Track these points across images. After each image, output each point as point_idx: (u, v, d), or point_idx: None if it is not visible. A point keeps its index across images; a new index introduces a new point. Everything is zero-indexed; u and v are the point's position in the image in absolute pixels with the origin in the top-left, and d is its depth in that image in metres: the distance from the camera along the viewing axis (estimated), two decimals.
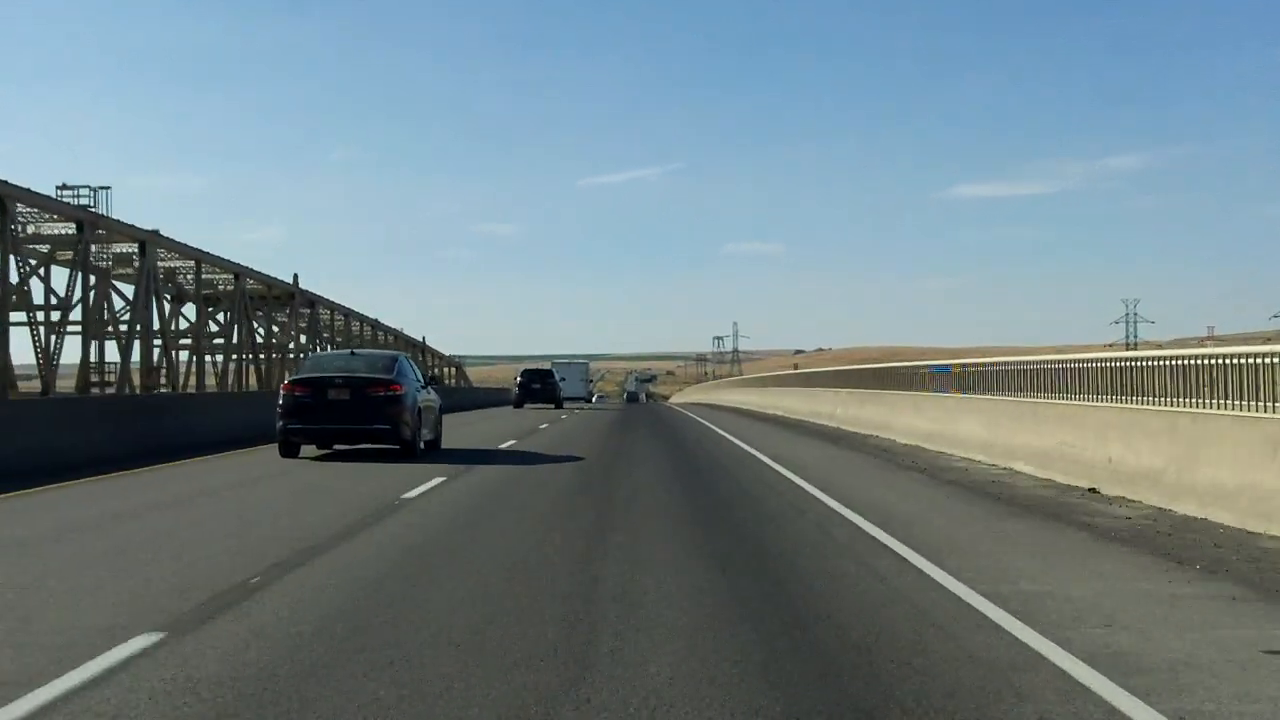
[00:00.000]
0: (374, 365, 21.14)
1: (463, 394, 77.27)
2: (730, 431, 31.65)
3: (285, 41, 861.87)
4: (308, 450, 20.76)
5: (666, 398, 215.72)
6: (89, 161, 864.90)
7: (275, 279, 55.09)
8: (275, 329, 61.00)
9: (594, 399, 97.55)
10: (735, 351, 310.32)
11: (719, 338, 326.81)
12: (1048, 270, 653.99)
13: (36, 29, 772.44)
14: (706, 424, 37.62)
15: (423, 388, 21.76)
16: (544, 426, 34.19)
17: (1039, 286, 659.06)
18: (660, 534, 11.07)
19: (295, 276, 56.27)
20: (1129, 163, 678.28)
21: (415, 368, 22.41)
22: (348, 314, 67.61)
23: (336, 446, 21.20)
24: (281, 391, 20.47)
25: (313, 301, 60.10)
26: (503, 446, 24.34)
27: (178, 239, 50.77)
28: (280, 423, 19.95)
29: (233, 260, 53.00)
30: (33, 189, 39.09)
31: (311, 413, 19.82)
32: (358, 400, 19.83)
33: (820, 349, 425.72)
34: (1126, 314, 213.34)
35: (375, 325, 74.10)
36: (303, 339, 62.38)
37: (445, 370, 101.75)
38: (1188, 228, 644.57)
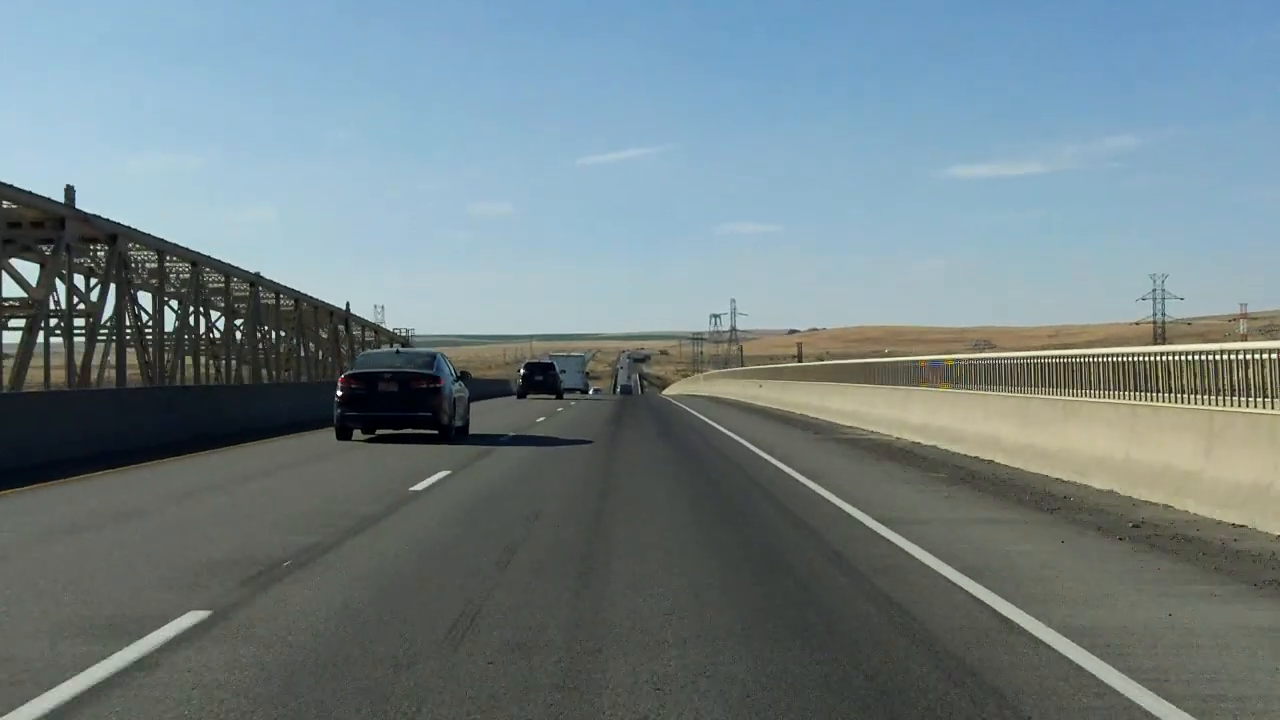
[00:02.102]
0: (415, 362, 24.59)
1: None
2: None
3: (282, 23, 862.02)
4: (358, 434, 24.10)
5: (664, 383, 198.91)
6: (87, 145, 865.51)
7: (14, 187, 29.40)
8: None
9: (591, 391, 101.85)
10: (733, 330, 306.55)
11: (716, 315, 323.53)
12: (1050, 250, 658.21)
13: (33, 10, 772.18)
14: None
15: (455, 381, 25.09)
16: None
17: (1042, 266, 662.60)
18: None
19: (68, 190, 32.78)
20: (1128, 142, 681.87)
21: (450, 364, 25.69)
22: (196, 261, 41.81)
23: (379, 431, 24.50)
24: (339, 384, 23.85)
25: (115, 235, 34.40)
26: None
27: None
28: (338, 410, 23.34)
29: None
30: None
31: (365, 402, 23.24)
32: (404, 392, 23.23)
33: (814, 329, 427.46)
34: (1154, 290, 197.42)
35: (255, 281, 48.55)
36: (90, 290, 36.81)
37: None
38: (1196, 208, 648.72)
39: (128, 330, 36.15)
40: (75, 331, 34.40)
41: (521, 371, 62.83)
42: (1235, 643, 6.52)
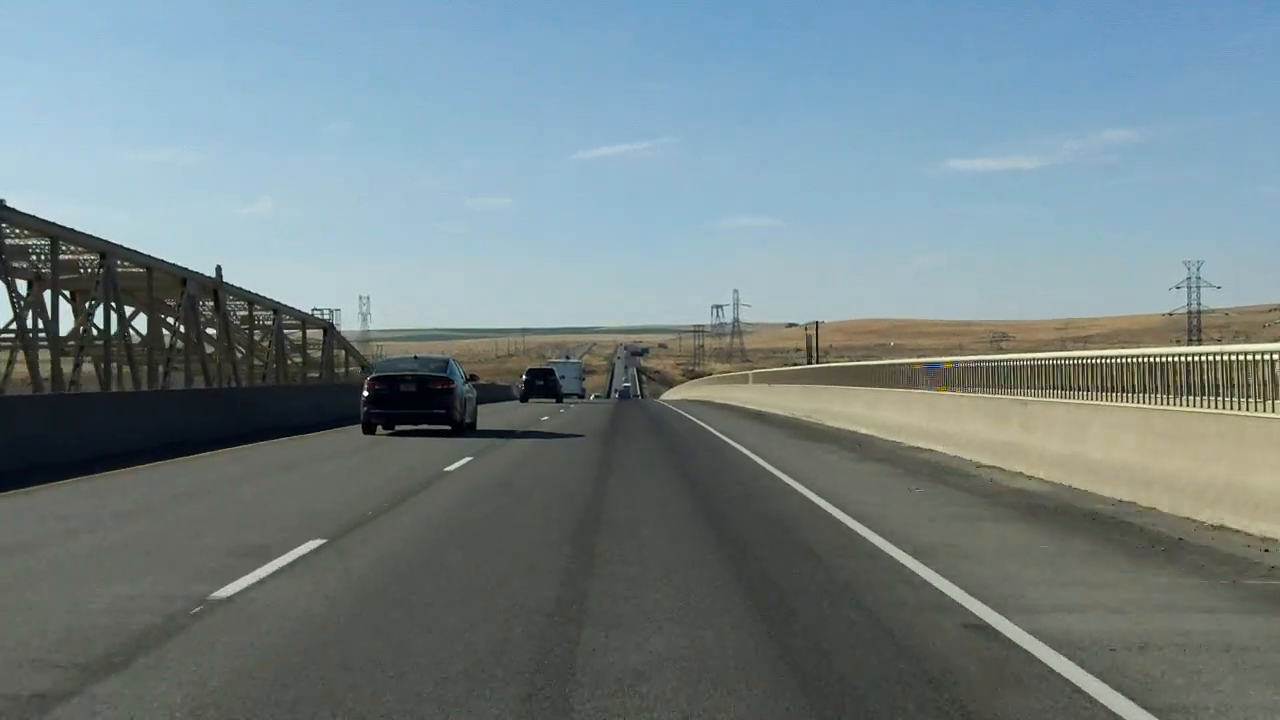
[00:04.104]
0: (430, 366, 27.89)
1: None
2: None
3: (279, 17, 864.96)
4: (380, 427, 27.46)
5: (665, 380, 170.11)
6: (84, 138, 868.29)
7: None
8: None
9: (592, 397, 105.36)
10: (736, 322, 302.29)
11: (718, 306, 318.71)
12: (1053, 242, 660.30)
13: (30, 6, 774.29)
14: None
15: (465, 383, 28.45)
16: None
17: (1045, 258, 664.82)
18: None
19: None
20: (1125, 136, 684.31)
21: (461, 368, 28.99)
22: None
23: (398, 427, 27.71)
24: (365, 386, 27.26)
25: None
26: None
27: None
28: (365, 409, 26.74)
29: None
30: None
31: (387, 401, 26.62)
32: (421, 392, 26.63)
33: (814, 322, 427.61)
34: (1189, 278, 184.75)
35: (107, 252, 31.96)
36: None
37: (305, 336, 55.97)
38: (1206, 201, 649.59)
39: None
40: None
41: (524, 377, 66.34)
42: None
